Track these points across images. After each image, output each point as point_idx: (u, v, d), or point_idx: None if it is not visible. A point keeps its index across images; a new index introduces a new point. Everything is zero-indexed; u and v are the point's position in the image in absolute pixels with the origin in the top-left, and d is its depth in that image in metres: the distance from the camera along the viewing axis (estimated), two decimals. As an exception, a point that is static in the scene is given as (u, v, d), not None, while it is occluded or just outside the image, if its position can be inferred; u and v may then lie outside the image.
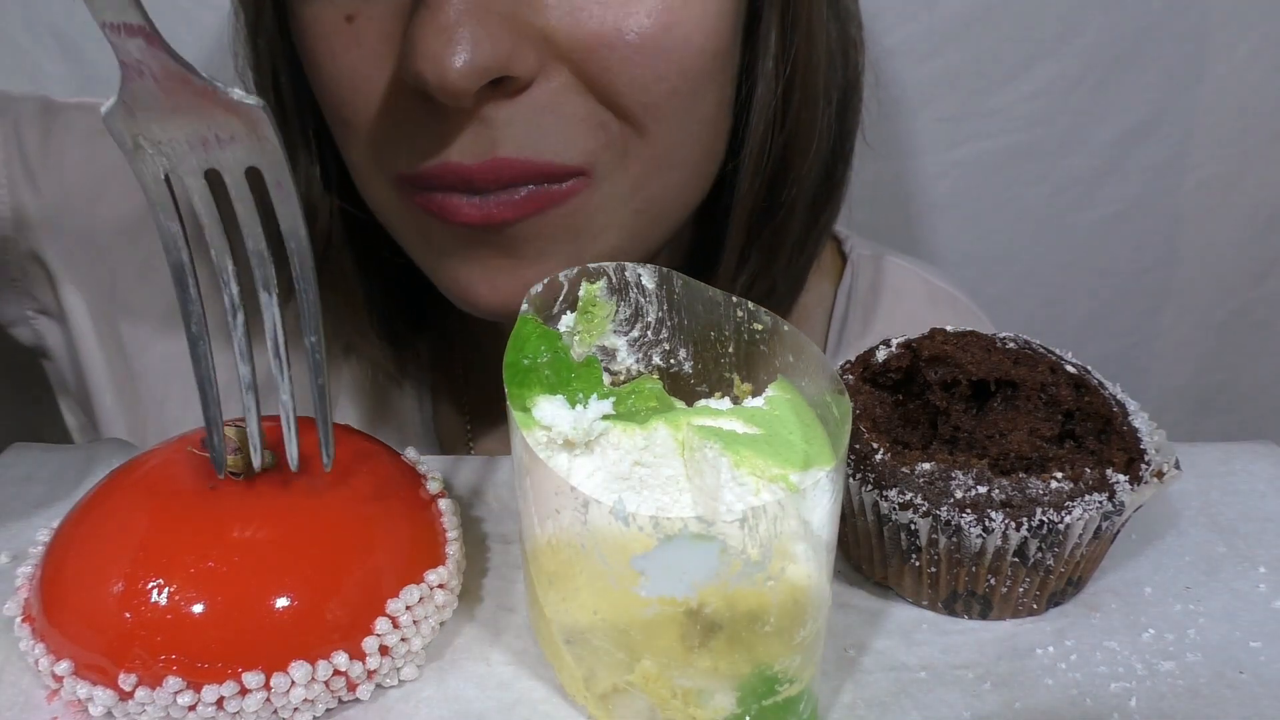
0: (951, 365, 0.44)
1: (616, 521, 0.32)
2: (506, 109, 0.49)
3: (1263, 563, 0.46)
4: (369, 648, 0.39)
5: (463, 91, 0.47)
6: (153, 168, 0.36)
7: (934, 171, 0.92)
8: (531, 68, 0.49)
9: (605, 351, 0.44)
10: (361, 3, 0.50)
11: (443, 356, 0.74)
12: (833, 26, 0.59)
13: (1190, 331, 0.99)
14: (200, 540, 0.38)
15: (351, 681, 0.39)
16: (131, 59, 0.34)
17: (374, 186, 0.56)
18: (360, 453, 0.44)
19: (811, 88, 0.57)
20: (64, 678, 0.37)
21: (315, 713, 0.38)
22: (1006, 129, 0.90)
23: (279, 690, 0.37)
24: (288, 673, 0.37)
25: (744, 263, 0.62)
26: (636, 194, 0.54)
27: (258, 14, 0.58)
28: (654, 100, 0.51)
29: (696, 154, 0.56)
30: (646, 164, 0.53)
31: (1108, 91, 0.88)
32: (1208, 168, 0.92)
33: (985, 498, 0.40)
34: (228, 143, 0.36)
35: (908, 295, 0.74)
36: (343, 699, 0.39)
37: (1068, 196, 0.93)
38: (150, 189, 0.36)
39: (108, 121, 0.35)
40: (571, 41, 0.49)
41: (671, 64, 0.50)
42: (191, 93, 0.34)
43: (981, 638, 0.42)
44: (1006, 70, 0.87)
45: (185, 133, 0.35)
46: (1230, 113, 0.89)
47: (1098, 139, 0.90)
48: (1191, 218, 0.94)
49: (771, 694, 0.36)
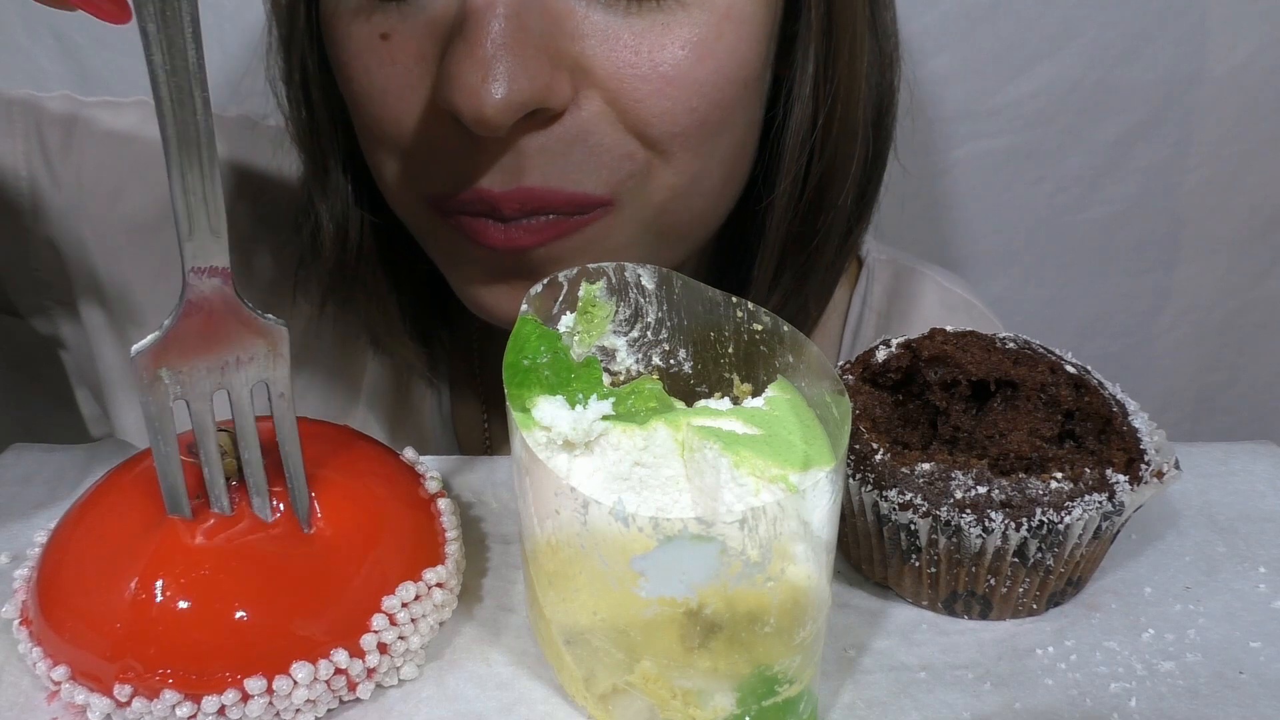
0: (951, 365, 0.44)
1: (616, 522, 0.32)
2: (539, 139, 0.49)
3: (1263, 563, 0.46)
4: (368, 645, 0.39)
5: (499, 126, 0.47)
6: (163, 397, 0.36)
7: (934, 171, 0.92)
8: (565, 98, 0.49)
9: (605, 352, 0.44)
10: (398, 21, 0.50)
11: (462, 352, 0.75)
12: (873, 46, 0.58)
13: (1190, 331, 0.99)
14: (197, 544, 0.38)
15: (351, 680, 0.39)
16: (200, 297, 0.35)
17: (404, 204, 0.57)
18: (359, 453, 0.44)
19: (851, 116, 0.57)
20: (61, 683, 0.37)
21: (317, 713, 0.38)
22: (1006, 129, 0.90)
23: (281, 693, 0.37)
24: (290, 674, 0.37)
25: (775, 285, 0.62)
26: (659, 219, 0.55)
27: (291, 27, 0.58)
28: (683, 130, 0.51)
29: (720, 179, 0.56)
30: (671, 191, 0.53)
31: (1108, 91, 0.88)
32: (1208, 168, 0.92)
33: (985, 498, 0.40)
34: (246, 364, 0.37)
35: (923, 301, 0.74)
36: (343, 699, 0.39)
37: (1068, 196, 0.93)
38: (154, 419, 0.36)
39: (137, 360, 0.35)
40: (605, 71, 0.49)
41: (703, 96, 0.50)
42: (236, 321, 0.36)
43: (981, 638, 0.42)
44: (1006, 70, 0.87)
45: (208, 361, 0.36)
46: (1230, 113, 0.89)
47: (1098, 139, 0.90)
48: (1191, 218, 0.94)
49: (771, 694, 0.36)
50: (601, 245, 0.54)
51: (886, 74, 0.61)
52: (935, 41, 0.86)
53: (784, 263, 0.61)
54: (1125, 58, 0.87)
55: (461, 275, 0.57)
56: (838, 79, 0.55)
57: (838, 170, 0.58)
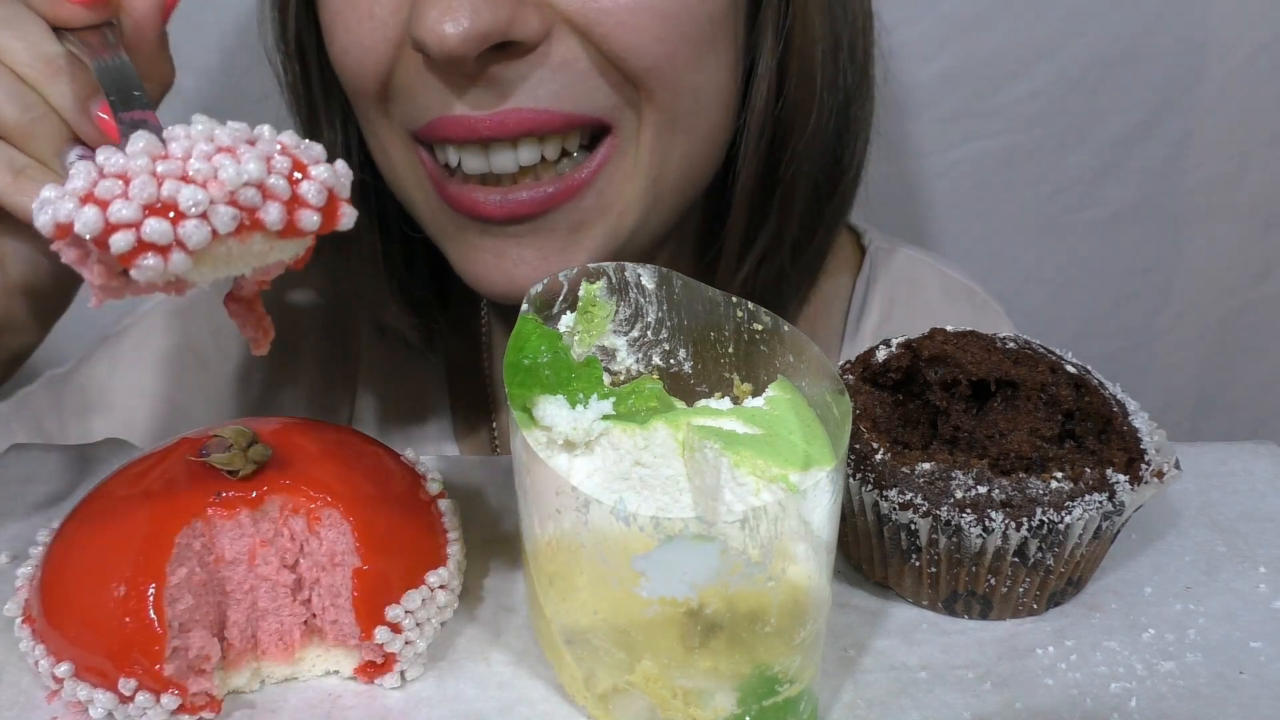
0: (951, 365, 0.44)
1: (617, 522, 0.32)
2: (516, 68, 0.52)
3: (1263, 563, 0.46)
4: (372, 655, 0.39)
5: (462, 57, 0.49)
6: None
7: (934, 171, 0.92)
8: (535, 31, 0.50)
9: (605, 351, 0.44)
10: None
11: (462, 330, 0.75)
12: (838, 11, 0.60)
13: (1190, 331, 0.99)
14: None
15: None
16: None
17: (394, 154, 0.58)
18: (360, 454, 0.44)
19: (807, 64, 0.58)
20: (64, 679, 0.37)
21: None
22: (1006, 129, 0.90)
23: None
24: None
25: (750, 243, 0.63)
26: (653, 161, 0.56)
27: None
28: (656, 63, 0.52)
29: (704, 122, 0.57)
30: (658, 129, 0.55)
31: (1108, 91, 0.88)
32: (1208, 168, 0.92)
33: (985, 498, 0.40)
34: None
35: (925, 287, 0.75)
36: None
37: (1068, 196, 0.93)
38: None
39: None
40: (571, 3, 0.51)
41: (669, 27, 0.52)
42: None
43: (981, 638, 0.42)
44: (1006, 70, 0.87)
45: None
46: (1230, 113, 0.89)
47: (1098, 139, 0.90)
48: (1191, 218, 0.94)
49: (772, 694, 0.36)
50: (607, 200, 0.56)
51: (857, 42, 0.62)
52: (935, 41, 0.86)
53: (753, 214, 0.62)
54: (1125, 58, 0.87)
55: (459, 251, 0.59)
56: (791, 25, 0.57)
57: (799, 113, 0.59)
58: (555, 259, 0.56)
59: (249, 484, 0.39)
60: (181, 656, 0.37)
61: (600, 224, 0.57)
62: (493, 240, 0.57)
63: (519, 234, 0.56)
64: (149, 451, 0.43)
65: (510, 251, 0.57)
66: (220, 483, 0.39)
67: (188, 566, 0.38)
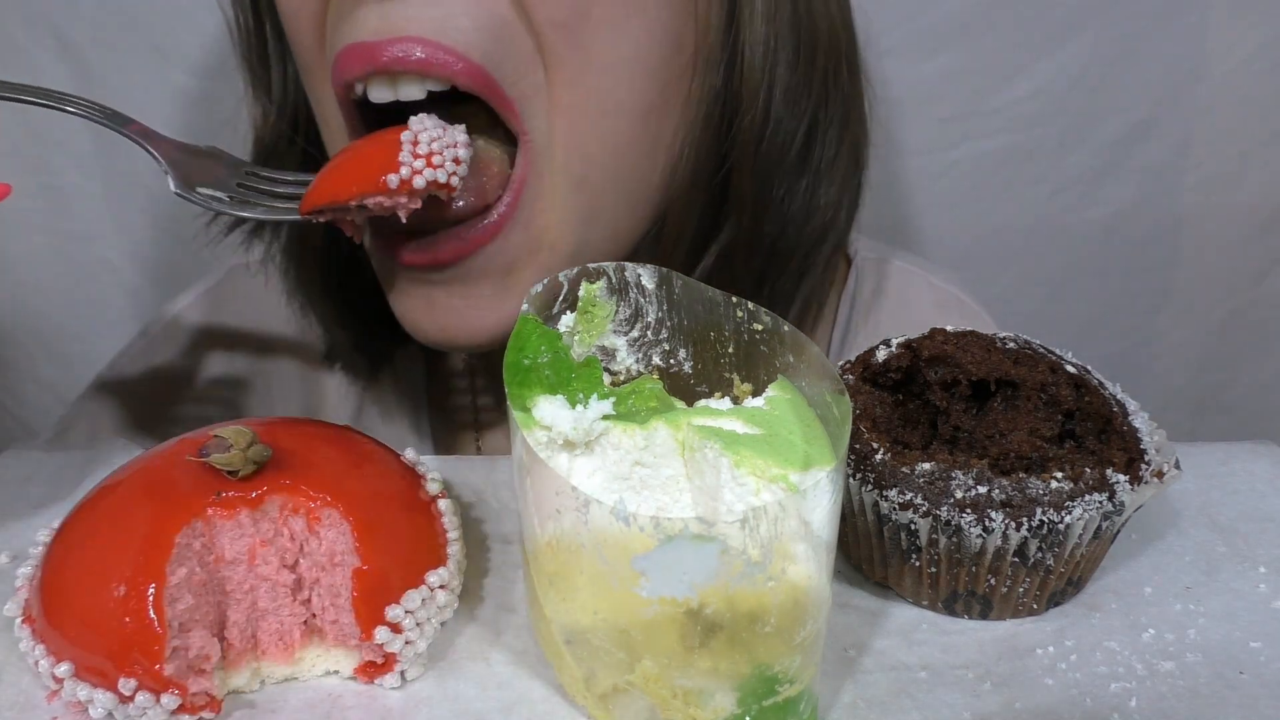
0: (951, 365, 0.44)
1: (617, 522, 0.32)
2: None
3: (1263, 563, 0.46)
4: (372, 655, 0.39)
5: None
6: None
7: (934, 171, 0.92)
8: None
9: (605, 351, 0.44)
10: None
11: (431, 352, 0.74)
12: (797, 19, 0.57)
13: (1190, 331, 0.99)
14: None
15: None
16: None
17: (333, 123, 0.57)
18: (360, 454, 0.44)
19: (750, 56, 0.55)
20: (64, 679, 0.37)
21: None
22: (1006, 129, 0.90)
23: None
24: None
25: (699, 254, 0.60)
26: (569, 159, 0.53)
27: None
28: (564, 19, 0.50)
29: (629, 105, 0.53)
30: (571, 115, 0.52)
31: (1108, 91, 0.88)
32: (1208, 168, 0.92)
33: (985, 498, 0.40)
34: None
35: (912, 300, 0.73)
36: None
37: (1068, 196, 0.93)
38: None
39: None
40: None
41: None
42: None
43: (981, 638, 0.42)
44: (1006, 70, 0.87)
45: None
46: (1230, 113, 0.89)
47: (1098, 139, 0.90)
48: (1191, 218, 0.94)
49: (771, 694, 0.36)
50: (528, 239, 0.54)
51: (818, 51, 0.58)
52: (935, 41, 0.86)
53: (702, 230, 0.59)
54: (1125, 58, 0.87)
55: (392, 295, 0.58)
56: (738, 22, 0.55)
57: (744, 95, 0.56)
58: (487, 306, 0.54)
59: (249, 484, 0.39)
60: (181, 656, 0.37)
61: (532, 263, 0.54)
62: (421, 288, 0.55)
63: (445, 281, 0.54)
64: (149, 452, 0.43)
65: (439, 300, 0.55)
66: (220, 483, 0.39)
67: (188, 566, 0.38)
